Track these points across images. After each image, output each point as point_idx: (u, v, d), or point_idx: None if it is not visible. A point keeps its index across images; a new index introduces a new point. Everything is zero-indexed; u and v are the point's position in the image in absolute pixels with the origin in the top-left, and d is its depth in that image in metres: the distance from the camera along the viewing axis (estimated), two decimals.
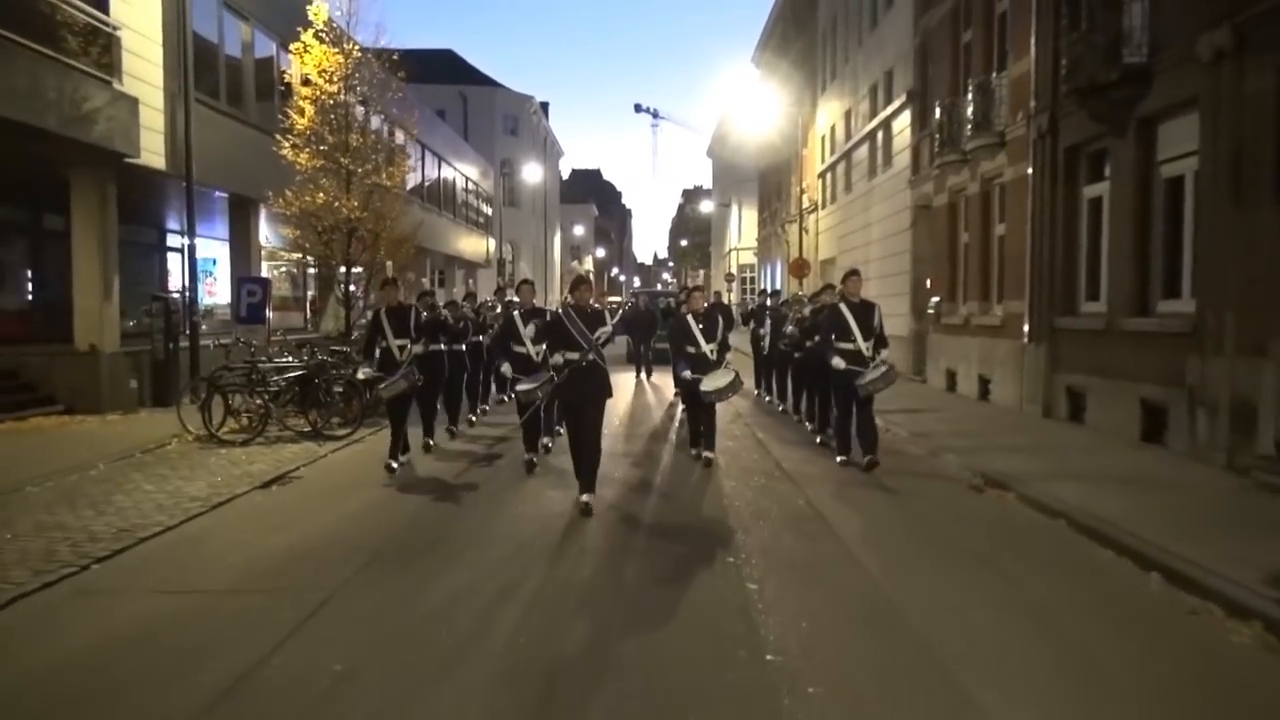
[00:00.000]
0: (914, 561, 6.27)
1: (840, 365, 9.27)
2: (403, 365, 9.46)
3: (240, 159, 16.47)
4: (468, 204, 39.06)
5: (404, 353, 9.60)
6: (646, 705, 3.98)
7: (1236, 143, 8.84)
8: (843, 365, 9.26)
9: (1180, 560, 5.91)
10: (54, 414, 12.89)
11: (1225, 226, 9.03)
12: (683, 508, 8.00)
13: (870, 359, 9.36)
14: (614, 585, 5.76)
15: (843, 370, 9.28)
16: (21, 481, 8.68)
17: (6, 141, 11.47)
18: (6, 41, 10.35)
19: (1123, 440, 10.64)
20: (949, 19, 17.26)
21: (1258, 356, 8.52)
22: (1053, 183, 12.82)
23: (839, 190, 28.06)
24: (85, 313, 13.54)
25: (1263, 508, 7.44)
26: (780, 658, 4.48)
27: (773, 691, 4.10)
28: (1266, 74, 8.50)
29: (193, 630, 4.99)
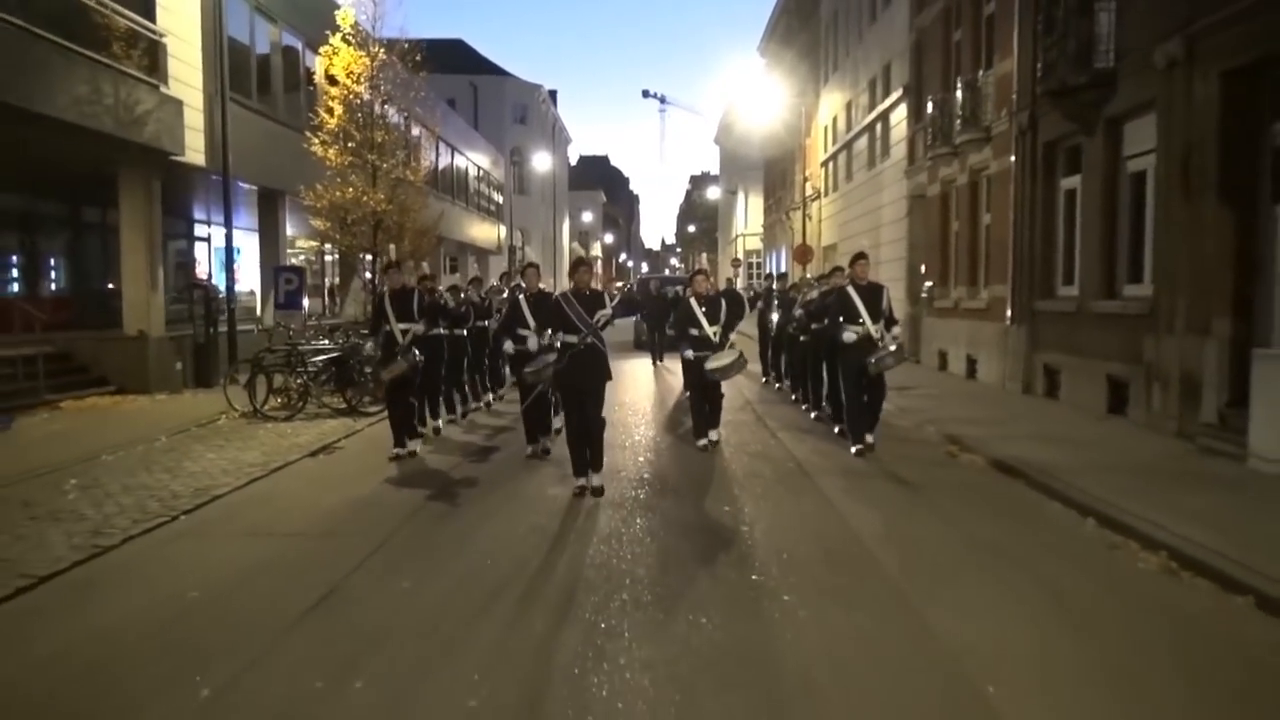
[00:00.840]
0: (888, 510, 7.28)
1: (852, 338, 9.37)
2: (402, 349, 9.49)
3: (268, 154, 17.47)
4: (479, 192, 40.04)
5: (406, 336, 9.63)
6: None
7: (1186, 143, 9.79)
8: (854, 338, 9.36)
9: (1113, 508, 6.91)
10: (107, 394, 13.94)
11: (1177, 218, 9.99)
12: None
13: (879, 341, 9.44)
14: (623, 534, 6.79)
15: (853, 349, 9.36)
16: (97, 451, 9.74)
17: (62, 142, 12.51)
18: (70, 52, 11.36)
19: (1090, 413, 11.62)
20: (941, 18, 18.15)
21: (1203, 335, 9.50)
22: (1033, 175, 13.76)
23: (840, 179, 28.96)
24: (133, 301, 14.59)
25: (1198, 467, 8.43)
26: (761, 577, 5.52)
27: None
28: (1212, 81, 9.43)
29: (284, 560, 6.05)
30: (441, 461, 9.63)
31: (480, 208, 39.96)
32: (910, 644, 4.53)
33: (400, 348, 9.53)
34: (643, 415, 12.95)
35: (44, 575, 5.66)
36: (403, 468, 9.28)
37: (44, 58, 10.82)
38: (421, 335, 9.84)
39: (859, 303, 9.51)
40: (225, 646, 4.50)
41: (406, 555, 6.10)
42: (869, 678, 4.16)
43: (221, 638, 4.65)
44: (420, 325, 9.76)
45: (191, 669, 4.22)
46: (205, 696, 3.97)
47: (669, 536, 6.51)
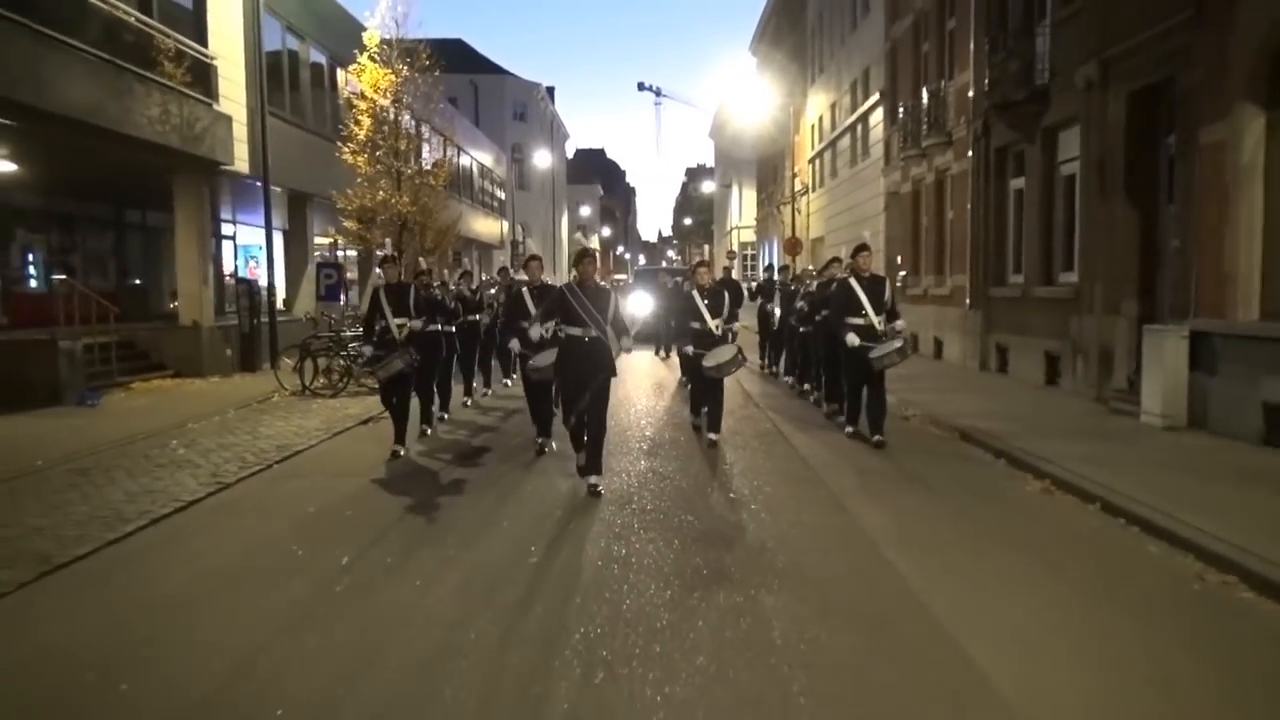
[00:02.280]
0: (843, 468, 9.08)
1: (854, 342, 9.26)
2: (399, 345, 9.31)
3: (298, 160, 19.18)
4: (483, 189, 41.76)
5: (402, 331, 9.42)
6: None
7: (1101, 152, 11.57)
8: (856, 342, 9.26)
9: (1020, 451, 8.67)
10: (167, 377, 15.69)
11: (1095, 215, 11.78)
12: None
13: (882, 334, 9.41)
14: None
15: (856, 346, 9.29)
16: (182, 420, 11.50)
17: (131, 155, 14.22)
18: (147, 80, 13.09)
19: (1031, 385, 13.43)
20: (911, 30, 19.89)
21: (1115, 315, 11.30)
22: (987, 177, 15.54)
23: (826, 175, 30.72)
24: (187, 294, 16.36)
25: (1101, 424, 10.23)
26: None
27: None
28: (1121, 100, 11.21)
29: (369, 489, 7.84)
30: (486, 413, 11.40)
31: (484, 204, 41.67)
32: (839, 527, 6.33)
33: (399, 344, 9.33)
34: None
35: (189, 501, 7.43)
36: (439, 431, 11.03)
37: (128, 86, 12.56)
38: (419, 331, 9.64)
39: (862, 295, 9.45)
40: (353, 536, 6.28)
41: (466, 483, 7.90)
42: (819, 565, 5.95)
43: (349, 530, 6.45)
44: (418, 321, 9.58)
45: (333, 550, 6.00)
46: (345, 563, 5.75)
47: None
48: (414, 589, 5.23)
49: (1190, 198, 9.73)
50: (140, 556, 6.05)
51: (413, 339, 9.48)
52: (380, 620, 4.75)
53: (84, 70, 11.68)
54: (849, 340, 9.27)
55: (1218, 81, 9.14)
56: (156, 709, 3.84)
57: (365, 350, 9.74)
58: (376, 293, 9.79)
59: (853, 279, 9.64)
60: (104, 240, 21.24)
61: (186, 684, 4.03)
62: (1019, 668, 4.09)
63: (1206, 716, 3.74)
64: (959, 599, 4.96)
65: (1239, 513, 6.18)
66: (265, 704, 3.81)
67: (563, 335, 7.65)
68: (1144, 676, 4.04)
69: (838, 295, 9.87)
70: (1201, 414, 9.33)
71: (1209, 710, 3.77)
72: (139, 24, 13.21)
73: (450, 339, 11.67)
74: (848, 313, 9.49)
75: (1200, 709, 3.78)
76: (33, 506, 7.16)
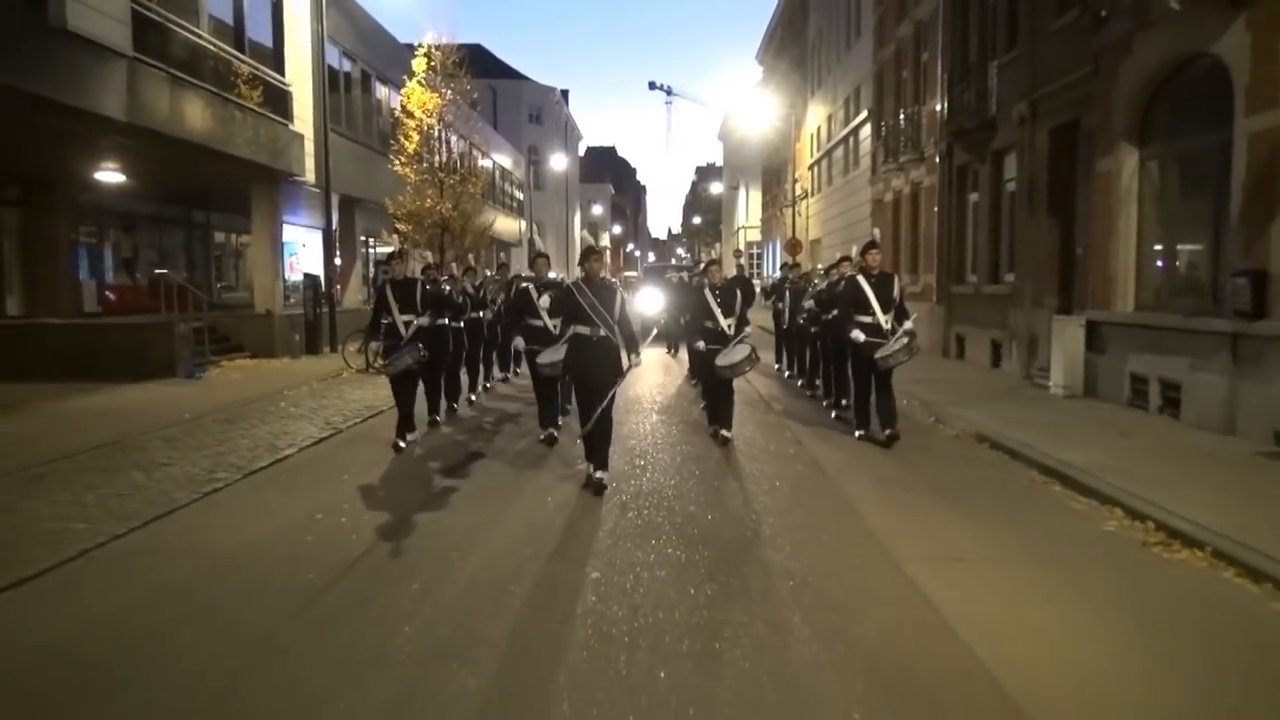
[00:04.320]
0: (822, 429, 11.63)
1: (860, 339, 9.23)
2: (406, 340, 9.30)
3: (349, 168, 21.80)
4: (503, 190, 44.39)
5: (409, 328, 9.39)
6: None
7: (1031, 175, 14.12)
8: (862, 338, 9.21)
9: (950, 416, 11.21)
10: (246, 358, 18.35)
11: (1026, 227, 14.32)
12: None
13: (890, 332, 9.26)
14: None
15: (862, 344, 9.24)
16: (278, 390, 14.13)
17: (221, 167, 16.83)
18: (245, 108, 15.75)
19: (980, 367, 15.98)
20: (894, 57, 22.43)
21: (1040, 308, 13.83)
22: (950, 190, 18.08)
23: (824, 182, 33.25)
24: (262, 287, 19.02)
25: (1020, 393, 12.78)
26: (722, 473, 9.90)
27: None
28: (1045, 134, 13.74)
29: (436, 436, 10.44)
30: (522, 383, 13.97)
31: (504, 204, 44.31)
32: (791, 455, 8.92)
33: (406, 340, 9.33)
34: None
35: (319, 438, 10.07)
36: (485, 399, 13.62)
37: (230, 114, 15.22)
38: (426, 327, 9.61)
39: (870, 293, 9.35)
40: (447, 467, 8.89)
41: (520, 432, 10.52)
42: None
43: (432, 464, 9.06)
44: (425, 317, 9.54)
45: (426, 475, 8.61)
46: (438, 488, 8.37)
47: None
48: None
49: (1089, 215, 12.28)
50: (302, 468, 8.70)
51: (421, 335, 9.42)
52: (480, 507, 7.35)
53: (201, 103, 14.33)
54: (855, 337, 9.27)
55: (1107, 124, 11.68)
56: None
57: (373, 345, 9.46)
58: (383, 288, 9.70)
59: (861, 277, 9.56)
60: (175, 238, 23.95)
61: (354, 533, 6.67)
62: (910, 534, 6.68)
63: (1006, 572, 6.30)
64: (867, 491, 7.55)
65: (1086, 451, 8.72)
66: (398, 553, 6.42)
67: (572, 332, 7.61)
68: (993, 542, 6.62)
69: (845, 293, 9.82)
70: (1092, 384, 11.89)
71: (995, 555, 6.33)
72: (239, 62, 15.87)
73: (458, 334, 11.74)
74: (855, 311, 9.42)
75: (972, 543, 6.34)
76: (208, 443, 9.76)
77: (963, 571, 5.48)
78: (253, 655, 4.29)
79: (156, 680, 4.05)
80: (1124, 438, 9.22)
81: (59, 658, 4.32)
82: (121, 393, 13.31)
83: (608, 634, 4.50)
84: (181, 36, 14.01)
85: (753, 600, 4.98)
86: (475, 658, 4.22)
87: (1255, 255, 8.82)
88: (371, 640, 4.43)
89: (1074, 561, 5.66)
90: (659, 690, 3.91)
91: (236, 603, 5.01)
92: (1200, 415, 9.58)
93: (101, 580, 5.42)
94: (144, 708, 3.82)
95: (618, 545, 6.01)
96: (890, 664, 4.14)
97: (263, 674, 4.11)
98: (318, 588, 5.20)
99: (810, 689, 3.93)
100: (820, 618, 4.71)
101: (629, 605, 4.89)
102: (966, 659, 4.18)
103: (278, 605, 4.94)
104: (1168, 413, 10.24)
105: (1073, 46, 12.45)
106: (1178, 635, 4.50)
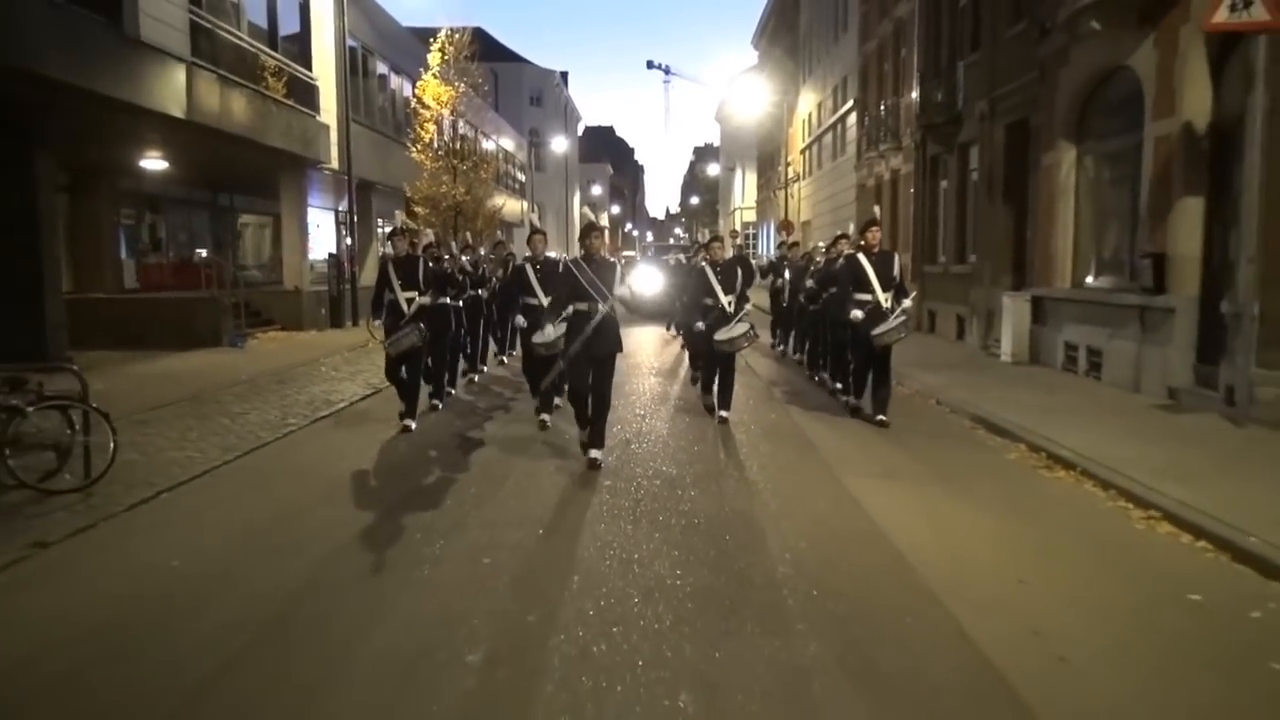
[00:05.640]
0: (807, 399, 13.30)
1: (859, 318, 9.22)
2: (408, 319, 9.23)
3: (367, 154, 23.36)
4: (506, 172, 45.89)
5: (411, 305, 9.32)
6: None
7: (990, 167, 15.74)
8: (860, 316, 9.22)
9: (908, 378, 12.86)
10: (278, 330, 20.00)
11: (986, 212, 15.97)
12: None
13: (889, 310, 9.28)
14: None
15: (861, 322, 9.23)
16: (315, 357, 15.78)
17: (256, 156, 18.40)
18: (280, 104, 17.33)
19: (947, 340, 17.66)
20: (876, 51, 23.98)
21: (996, 286, 15.49)
22: (924, 178, 19.69)
23: (814, 166, 34.81)
24: (290, 265, 20.65)
25: (975, 360, 14.47)
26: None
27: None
28: (1001, 129, 15.35)
29: (463, 395, 12.11)
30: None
31: (508, 186, 45.81)
32: (763, 400, 10.59)
33: (405, 319, 9.25)
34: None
35: (363, 395, 11.74)
36: (508, 364, 15.28)
37: (269, 109, 16.80)
38: (429, 306, 9.57)
39: (870, 271, 9.33)
40: (477, 422, 10.55)
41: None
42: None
43: (466, 422, 10.72)
44: (426, 297, 9.48)
45: (460, 428, 10.28)
46: (483, 427, 10.04)
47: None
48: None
49: (1037, 203, 13.91)
50: (357, 416, 10.39)
51: (423, 313, 9.37)
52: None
53: (244, 99, 15.91)
54: (853, 316, 9.28)
55: (1050, 124, 13.30)
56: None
57: (375, 322, 9.69)
58: (385, 264, 9.59)
59: (861, 255, 9.56)
60: (202, 219, 25.56)
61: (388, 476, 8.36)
62: (878, 496, 8.38)
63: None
64: (840, 445, 9.24)
65: (1014, 406, 10.37)
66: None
67: (572, 310, 7.58)
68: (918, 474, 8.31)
69: (845, 271, 9.84)
70: (1036, 352, 13.57)
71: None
72: (275, 62, 17.43)
73: (459, 313, 11.62)
74: (855, 289, 9.43)
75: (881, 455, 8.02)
76: (271, 399, 11.43)
77: (889, 485, 7.16)
78: (360, 524, 5.99)
79: (305, 536, 5.75)
80: (1050, 395, 10.90)
81: (223, 523, 6.03)
82: (177, 359, 14.98)
83: (617, 506, 6.21)
84: (227, 40, 15.57)
85: (725, 498, 6.68)
86: (526, 534, 5.93)
87: (1158, 240, 10.48)
88: (451, 517, 6.13)
89: (975, 479, 7.34)
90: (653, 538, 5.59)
91: (335, 499, 6.73)
92: (1116, 376, 11.26)
93: (225, 490, 7.13)
94: (314, 561, 5.51)
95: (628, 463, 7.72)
96: (819, 534, 5.83)
97: (364, 540, 5.82)
98: (391, 490, 6.93)
99: (759, 543, 5.62)
100: (773, 509, 6.42)
101: (633, 499, 6.59)
102: (878, 535, 5.85)
103: (362, 499, 6.66)
104: (1092, 375, 11.92)
105: (1023, 53, 14.04)
106: (1031, 522, 6.18)
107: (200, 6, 14.59)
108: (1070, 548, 5.63)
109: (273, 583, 5.02)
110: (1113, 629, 4.37)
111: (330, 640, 4.27)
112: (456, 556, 5.43)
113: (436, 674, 3.91)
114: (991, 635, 4.23)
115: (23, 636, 4.38)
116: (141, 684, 3.87)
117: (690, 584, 4.95)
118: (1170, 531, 5.88)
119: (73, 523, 6.06)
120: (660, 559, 5.38)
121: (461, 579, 5.06)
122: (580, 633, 4.31)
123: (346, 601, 4.75)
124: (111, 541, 5.86)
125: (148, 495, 6.79)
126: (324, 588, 4.98)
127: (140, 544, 5.80)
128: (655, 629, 4.36)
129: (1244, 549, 5.28)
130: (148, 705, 3.70)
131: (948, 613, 4.51)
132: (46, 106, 12.25)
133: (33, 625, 4.53)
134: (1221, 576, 5.12)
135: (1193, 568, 5.28)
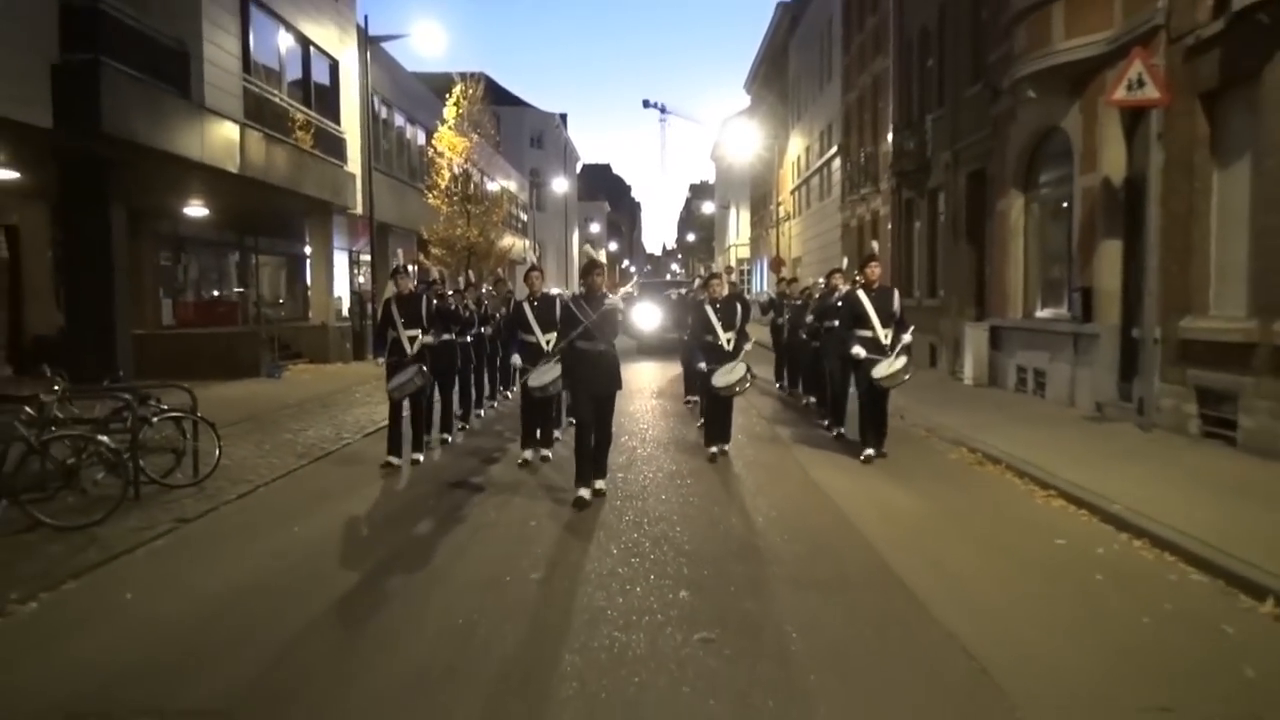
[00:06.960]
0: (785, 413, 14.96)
1: (861, 354, 9.21)
2: (410, 359, 9.23)
3: (385, 199, 25.21)
4: (510, 212, 47.84)
5: (415, 344, 9.31)
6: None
7: (954, 210, 17.55)
8: (863, 354, 9.20)
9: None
10: (305, 362, 21.67)
11: (952, 251, 17.75)
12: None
13: (888, 347, 9.24)
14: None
15: (863, 360, 9.21)
16: (348, 385, 17.43)
17: (288, 202, 20.18)
18: (315, 156, 19.16)
19: (921, 368, 19.26)
20: (857, 102, 25.94)
21: (962, 318, 17.23)
22: (899, 219, 21.52)
23: (803, 206, 36.74)
24: (317, 302, 22.39)
25: (940, 384, 16.15)
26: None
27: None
28: (964, 178, 17.18)
29: (491, 416, 13.77)
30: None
31: (512, 225, 47.77)
32: (764, 435, 12.24)
33: (411, 357, 9.28)
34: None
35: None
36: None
37: (304, 161, 18.64)
38: (433, 344, 9.58)
39: (869, 307, 9.34)
40: (509, 435, 12.20)
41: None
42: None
43: (493, 442, 12.37)
44: (429, 335, 9.47)
45: (497, 442, 11.92)
46: (507, 450, 11.70)
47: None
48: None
49: (993, 243, 15.69)
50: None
51: (425, 352, 9.40)
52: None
53: (285, 153, 17.75)
54: (855, 352, 9.28)
55: (1002, 173, 15.10)
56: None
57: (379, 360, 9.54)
58: (388, 304, 9.56)
59: (860, 291, 9.55)
60: (228, 260, 27.33)
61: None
62: (846, 486, 10.04)
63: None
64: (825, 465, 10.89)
65: (965, 420, 12.06)
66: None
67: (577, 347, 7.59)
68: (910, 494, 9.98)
69: (845, 307, 9.86)
70: (994, 376, 15.27)
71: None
72: (310, 119, 19.30)
73: (465, 350, 11.58)
74: (854, 325, 9.43)
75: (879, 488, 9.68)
76: (321, 419, 13.06)
77: (844, 474, 8.84)
78: (422, 506, 7.65)
79: (399, 512, 7.41)
80: (998, 410, 12.60)
81: (320, 497, 7.68)
82: (225, 387, 16.62)
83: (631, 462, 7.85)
84: (271, 102, 17.43)
85: (712, 483, 8.34)
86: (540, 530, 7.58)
87: (1086, 276, 12.22)
88: (495, 498, 7.79)
89: (918, 471, 9.01)
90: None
91: (417, 481, 8.40)
92: (1056, 393, 12.96)
93: (302, 488, 8.81)
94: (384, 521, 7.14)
95: (631, 467, 9.36)
96: (782, 507, 7.49)
97: (425, 517, 7.47)
98: (445, 488, 8.60)
99: (733, 507, 7.28)
100: (750, 485, 8.10)
101: (638, 483, 8.25)
102: (829, 504, 7.53)
103: (421, 490, 8.34)
104: (1038, 394, 13.62)
105: (980, 111, 15.89)
106: (957, 498, 7.84)
107: (249, 72, 16.44)
108: (978, 514, 7.31)
109: (380, 552, 6.69)
110: (990, 556, 6.07)
111: (429, 569, 5.94)
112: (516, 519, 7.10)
113: (518, 588, 5.56)
114: (902, 563, 5.89)
115: (189, 585, 6.03)
116: (279, 617, 5.53)
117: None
118: (1061, 505, 7.55)
119: (199, 507, 7.72)
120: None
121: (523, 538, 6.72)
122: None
123: (447, 549, 6.42)
124: (232, 516, 7.55)
125: (245, 490, 8.44)
126: (427, 545, 6.65)
127: (259, 518, 7.48)
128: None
129: (1109, 512, 6.95)
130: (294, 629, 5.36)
131: (874, 550, 6.19)
132: (122, 164, 14.02)
133: (194, 581, 6.19)
134: (1086, 529, 6.80)
135: (1066, 524, 6.96)
